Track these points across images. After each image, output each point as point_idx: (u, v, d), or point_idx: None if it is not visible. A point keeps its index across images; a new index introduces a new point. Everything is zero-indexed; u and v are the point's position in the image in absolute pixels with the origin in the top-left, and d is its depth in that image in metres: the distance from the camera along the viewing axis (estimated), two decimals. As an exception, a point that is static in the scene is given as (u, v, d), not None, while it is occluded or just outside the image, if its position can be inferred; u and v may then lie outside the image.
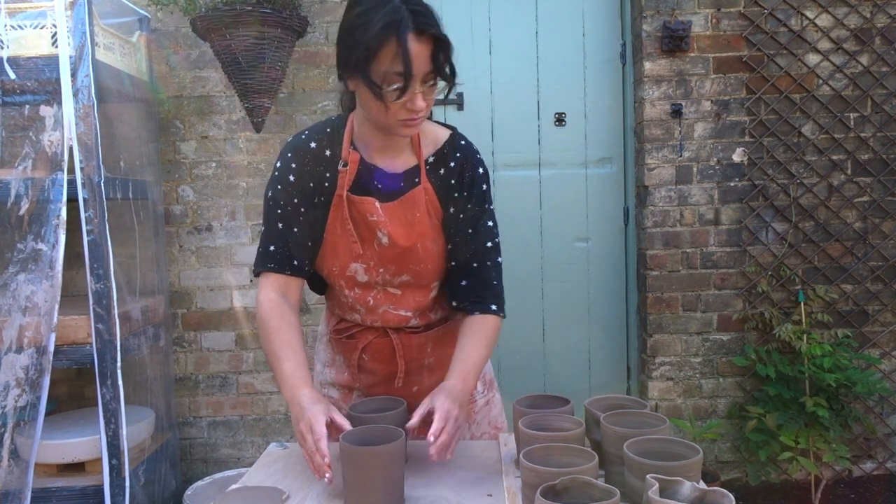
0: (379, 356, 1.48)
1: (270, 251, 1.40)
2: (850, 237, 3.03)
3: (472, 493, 1.19)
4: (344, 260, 1.41)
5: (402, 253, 1.39)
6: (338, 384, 1.55)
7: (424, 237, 1.40)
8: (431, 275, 1.44)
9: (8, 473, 2.30)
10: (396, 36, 1.19)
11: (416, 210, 1.39)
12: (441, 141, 1.45)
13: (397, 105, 1.25)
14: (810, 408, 2.74)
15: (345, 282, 1.43)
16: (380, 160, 1.41)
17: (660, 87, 2.99)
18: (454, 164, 1.43)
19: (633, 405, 1.25)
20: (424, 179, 1.41)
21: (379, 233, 1.38)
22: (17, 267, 2.30)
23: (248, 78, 2.69)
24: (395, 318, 1.45)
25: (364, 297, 1.44)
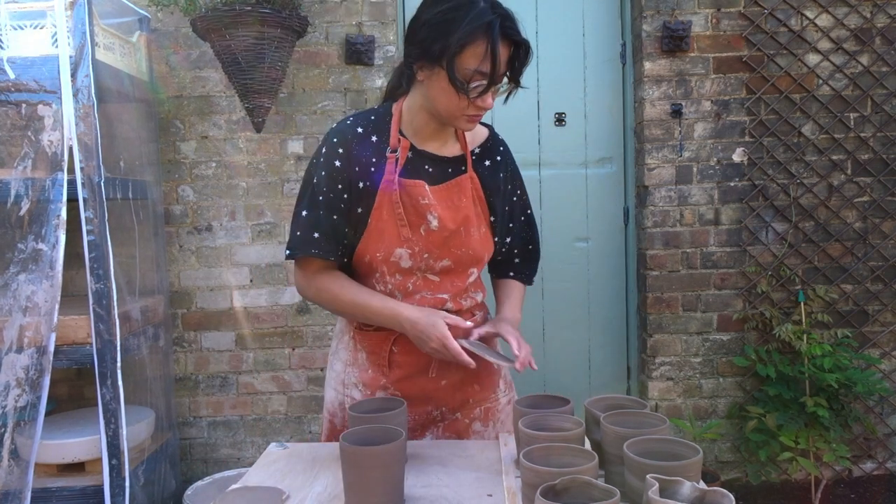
0: (410, 347, 1.47)
1: (314, 238, 1.41)
2: (850, 237, 3.03)
3: (472, 493, 1.19)
4: (390, 245, 1.43)
5: (448, 236, 1.44)
6: (362, 383, 1.53)
7: (468, 222, 1.46)
8: (472, 261, 1.49)
9: (8, 473, 2.30)
10: (489, 37, 1.27)
11: (463, 195, 1.45)
12: (482, 135, 1.55)
13: (467, 101, 1.33)
14: (810, 408, 2.74)
15: (387, 267, 1.45)
16: (427, 147, 1.47)
17: (660, 87, 2.99)
18: (500, 157, 1.56)
19: (633, 405, 1.25)
20: (471, 168, 1.49)
21: (429, 215, 1.42)
22: (18, 267, 2.30)
23: (248, 78, 2.69)
24: (431, 301, 1.47)
25: (404, 283, 1.46)
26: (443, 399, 1.50)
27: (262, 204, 3.03)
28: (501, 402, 1.58)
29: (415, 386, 1.49)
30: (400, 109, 1.46)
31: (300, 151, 3.02)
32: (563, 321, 3.24)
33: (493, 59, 1.28)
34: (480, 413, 1.54)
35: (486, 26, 1.27)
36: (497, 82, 1.32)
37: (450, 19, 1.29)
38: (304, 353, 3.07)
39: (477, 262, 1.50)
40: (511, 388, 1.63)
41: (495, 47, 1.28)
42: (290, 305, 3.06)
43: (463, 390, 1.52)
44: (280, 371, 3.07)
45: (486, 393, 1.55)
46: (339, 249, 1.44)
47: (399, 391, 1.48)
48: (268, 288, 3.05)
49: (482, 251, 1.49)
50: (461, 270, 1.48)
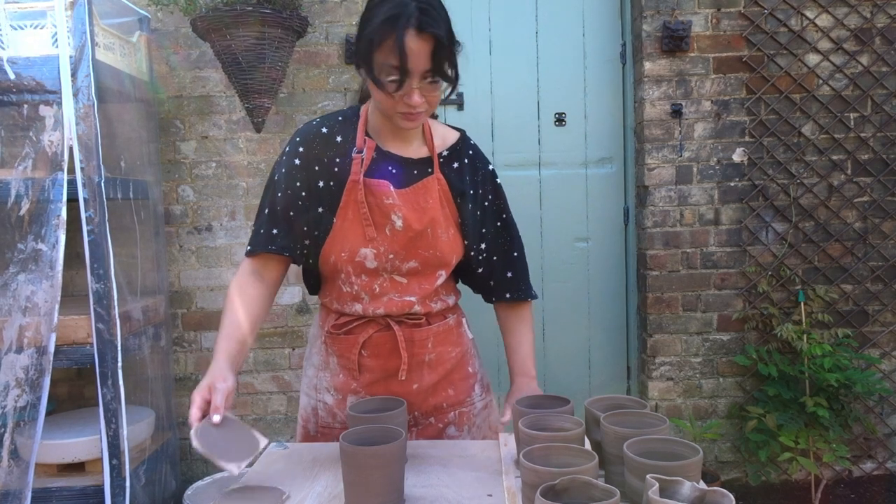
0: (379, 351, 1.47)
1: (273, 234, 1.43)
2: (850, 237, 3.03)
3: (472, 493, 1.19)
4: (354, 245, 1.41)
5: (414, 237, 1.42)
6: (333, 388, 1.52)
7: (435, 223, 1.43)
8: (440, 263, 1.46)
9: (8, 474, 2.30)
10: (395, 30, 1.24)
11: (429, 197, 1.43)
12: (451, 138, 1.52)
13: (396, 98, 1.31)
14: (810, 408, 2.74)
15: (352, 268, 1.43)
16: (392, 147, 1.45)
17: (660, 87, 2.99)
18: (467, 160, 1.50)
19: (633, 405, 1.25)
20: (437, 170, 1.46)
21: (393, 216, 1.41)
22: (18, 267, 2.30)
23: (248, 78, 2.69)
24: (399, 304, 1.45)
25: (370, 284, 1.45)
26: (415, 403, 1.48)
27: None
28: (477, 406, 1.56)
29: (386, 390, 1.48)
30: (367, 111, 1.47)
31: (300, 151, 3.01)
32: (563, 321, 3.24)
33: (399, 53, 1.24)
34: (455, 417, 1.53)
35: (396, 18, 1.24)
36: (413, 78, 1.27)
37: (369, 16, 1.29)
38: (304, 352, 3.06)
39: (445, 265, 1.47)
40: (489, 391, 1.62)
41: (402, 41, 1.23)
42: (290, 305, 3.06)
43: (436, 395, 1.51)
44: (280, 371, 3.07)
45: (459, 397, 1.53)
46: (297, 247, 1.45)
47: (370, 395, 1.47)
48: (268, 288, 3.05)
49: (450, 253, 1.46)
50: (429, 272, 1.46)
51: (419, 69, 1.27)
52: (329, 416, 1.52)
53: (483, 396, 1.59)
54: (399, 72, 1.26)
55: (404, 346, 1.46)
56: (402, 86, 1.28)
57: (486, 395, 1.60)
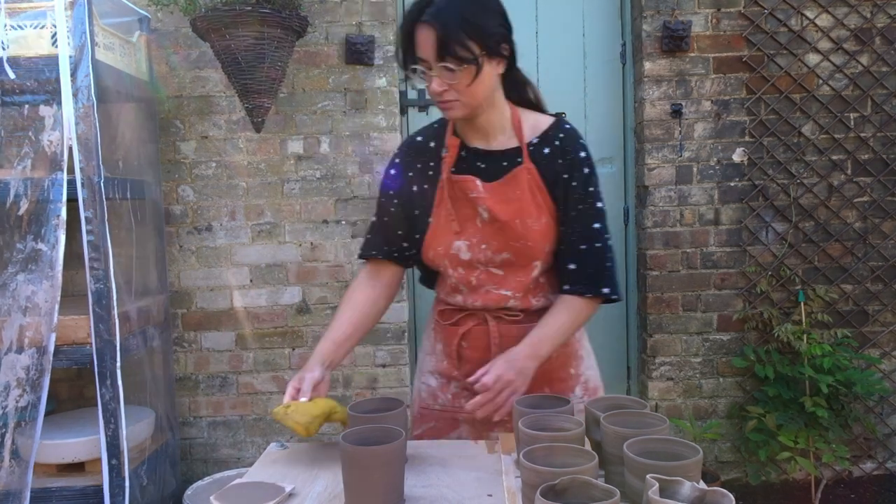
0: (477, 344, 1.52)
1: (367, 239, 1.60)
2: (850, 237, 3.03)
3: (472, 493, 1.19)
4: (447, 238, 1.48)
5: (501, 227, 1.45)
6: (437, 372, 1.59)
7: (524, 213, 1.44)
8: (532, 253, 1.47)
9: (9, 474, 2.30)
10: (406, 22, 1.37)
11: (518, 188, 1.46)
12: (544, 124, 1.52)
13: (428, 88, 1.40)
14: (809, 408, 2.74)
15: (449, 261, 1.50)
16: (478, 142, 1.51)
17: (660, 87, 2.99)
18: (558, 143, 1.49)
19: (633, 405, 1.25)
20: (527, 159, 1.47)
21: (480, 208, 1.46)
22: (17, 267, 2.30)
23: (248, 78, 2.69)
24: (496, 297, 1.49)
25: (467, 276, 1.50)
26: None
27: (262, 204, 3.03)
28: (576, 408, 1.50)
29: None
30: None
31: (300, 151, 3.02)
32: (563, 321, 3.23)
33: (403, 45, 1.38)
34: None
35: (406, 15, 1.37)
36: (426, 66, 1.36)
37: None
38: (304, 353, 3.07)
39: (538, 256, 1.47)
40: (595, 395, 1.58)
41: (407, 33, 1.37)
42: (290, 305, 3.06)
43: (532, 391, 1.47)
44: (280, 371, 3.07)
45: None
46: (392, 249, 1.56)
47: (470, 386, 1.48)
48: (268, 288, 3.05)
49: (543, 242, 1.46)
50: (524, 263, 1.48)
51: (428, 57, 1.35)
52: (430, 397, 1.60)
53: (584, 399, 1.55)
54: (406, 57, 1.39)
55: (496, 343, 1.50)
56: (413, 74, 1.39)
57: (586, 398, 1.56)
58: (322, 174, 3.02)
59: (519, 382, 1.38)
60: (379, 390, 3.07)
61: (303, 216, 3.04)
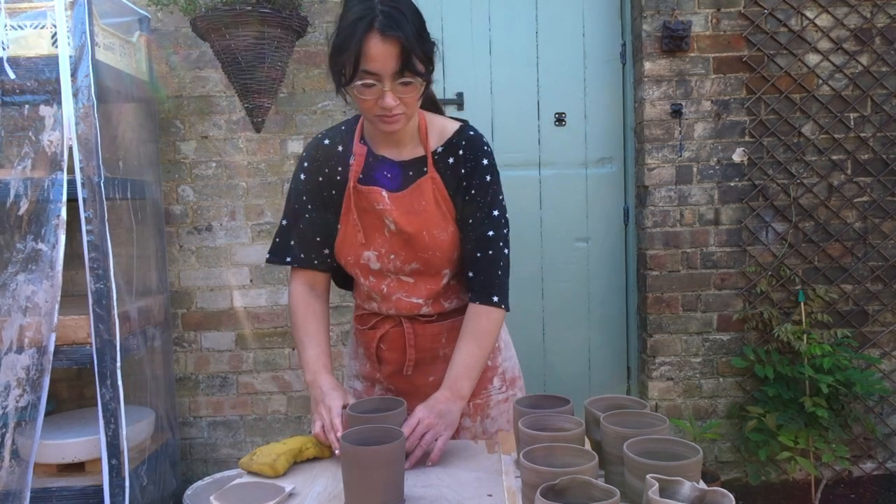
0: (394, 345, 1.54)
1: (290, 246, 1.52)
2: (850, 237, 3.03)
3: (472, 493, 1.19)
4: (357, 248, 1.47)
5: (408, 239, 1.44)
6: (361, 376, 1.62)
7: (430, 224, 1.44)
8: (441, 263, 1.47)
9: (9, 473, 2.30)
10: (356, 32, 1.26)
11: (423, 198, 1.44)
12: (449, 132, 1.49)
13: (370, 101, 1.32)
14: (809, 408, 2.74)
15: (360, 270, 1.50)
16: (386, 151, 1.47)
17: (660, 87, 2.99)
18: (462, 151, 1.47)
19: (633, 405, 1.25)
20: (432, 169, 1.45)
21: (386, 220, 1.44)
22: (17, 267, 2.30)
23: (248, 78, 2.69)
24: (407, 305, 1.50)
25: (378, 285, 1.50)
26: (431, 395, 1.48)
27: (262, 204, 3.04)
28: (494, 398, 1.58)
29: (404, 381, 1.55)
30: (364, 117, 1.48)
31: (300, 151, 3.02)
32: (563, 321, 3.24)
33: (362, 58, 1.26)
34: (469, 409, 1.55)
35: (357, 22, 1.26)
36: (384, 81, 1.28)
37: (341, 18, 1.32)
38: (304, 353, 3.07)
39: (448, 264, 1.48)
40: (513, 384, 1.63)
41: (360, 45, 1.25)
42: (290, 305, 3.05)
43: None
44: (280, 371, 3.07)
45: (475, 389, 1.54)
46: (313, 257, 1.52)
47: (391, 385, 1.57)
48: (268, 288, 3.05)
49: (451, 252, 1.46)
50: (433, 273, 1.48)
51: (388, 71, 1.27)
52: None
53: (503, 390, 1.61)
54: (366, 75, 1.28)
55: (412, 344, 1.52)
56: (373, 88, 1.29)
57: (507, 389, 1.61)
58: (322, 174, 3.02)
59: (441, 426, 1.36)
60: (379, 390, 3.07)
61: (303, 216, 3.04)
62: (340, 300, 3.05)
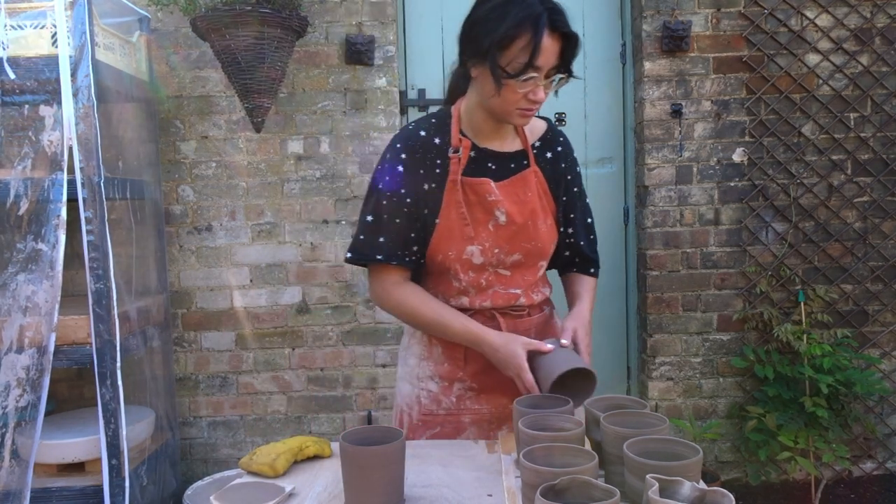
0: None
1: (380, 242, 1.45)
2: (850, 237, 3.03)
3: (472, 493, 1.19)
4: (460, 243, 1.46)
5: (517, 230, 1.47)
6: (438, 376, 1.55)
7: (535, 215, 1.49)
8: (540, 253, 1.52)
9: (9, 473, 2.30)
10: (534, 29, 1.30)
11: (528, 189, 1.49)
12: (540, 128, 1.57)
13: (518, 94, 1.36)
14: (809, 408, 2.74)
15: (460, 265, 1.48)
16: (489, 143, 1.50)
17: (660, 87, 2.99)
18: (560, 148, 1.57)
19: (633, 405, 1.25)
20: (533, 163, 1.51)
21: (497, 211, 1.46)
22: (17, 267, 2.30)
23: (248, 78, 2.69)
24: (504, 297, 1.51)
25: (477, 279, 1.49)
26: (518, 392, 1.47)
27: (262, 204, 3.04)
28: None
29: (491, 378, 1.50)
30: (459, 110, 1.50)
31: (300, 151, 3.02)
32: (563, 321, 3.23)
33: (533, 51, 1.30)
34: None
35: (533, 17, 1.30)
36: (541, 73, 1.33)
37: (497, 15, 1.33)
38: (304, 353, 3.07)
39: (545, 255, 1.54)
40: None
41: (539, 39, 1.30)
42: (290, 305, 3.06)
43: None
44: (280, 371, 3.07)
45: None
46: (405, 254, 1.47)
47: (476, 384, 1.52)
48: (268, 288, 3.06)
49: (549, 243, 1.53)
50: (531, 264, 1.52)
51: (548, 66, 1.33)
52: (433, 403, 1.55)
53: None
54: (529, 69, 1.31)
55: None
56: (529, 82, 1.33)
57: None
58: (322, 174, 3.02)
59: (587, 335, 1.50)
60: (378, 390, 3.07)
61: (303, 216, 3.04)
62: (340, 300, 3.05)
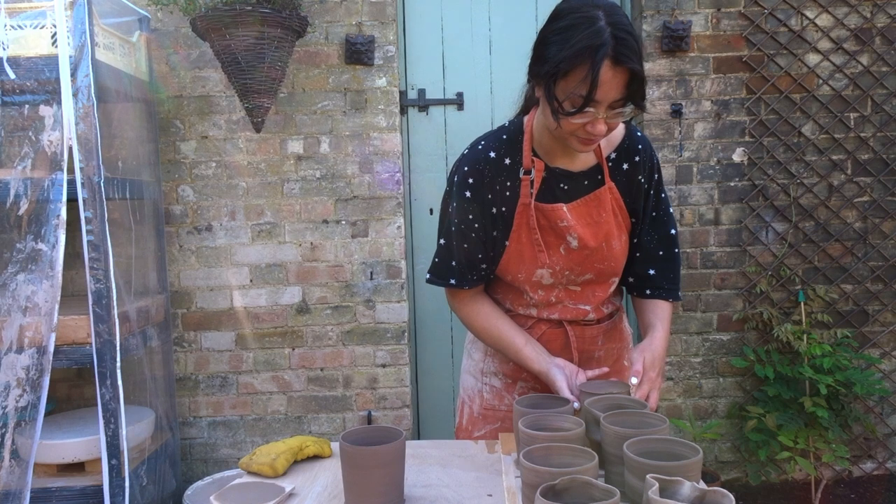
0: (551, 346, 1.50)
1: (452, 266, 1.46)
2: (850, 237, 3.03)
3: (472, 493, 1.19)
4: (530, 266, 1.44)
5: (590, 253, 1.43)
6: (501, 373, 1.56)
7: (610, 236, 1.43)
8: (612, 272, 1.48)
9: (9, 473, 2.30)
10: (592, 61, 1.19)
11: (602, 210, 1.42)
12: (618, 136, 1.47)
13: (576, 125, 1.27)
14: (809, 408, 2.74)
15: (530, 286, 1.47)
16: (561, 163, 1.43)
17: (660, 87, 2.99)
18: (639, 157, 1.46)
19: (633, 405, 1.25)
20: (608, 179, 1.43)
21: (569, 237, 1.41)
22: (17, 267, 2.30)
23: (248, 78, 2.69)
24: (573, 311, 1.49)
25: (546, 297, 1.48)
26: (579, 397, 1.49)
27: (262, 204, 3.04)
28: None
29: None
30: (531, 125, 1.43)
31: (300, 151, 3.02)
32: (563, 321, 3.23)
33: (591, 86, 1.20)
34: None
35: (594, 49, 1.19)
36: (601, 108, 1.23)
37: (560, 39, 1.23)
38: (304, 352, 3.07)
39: (618, 273, 1.50)
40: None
41: (596, 75, 1.19)
42: (290, 305, 3.06)
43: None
44: (280, 371, 3.07)
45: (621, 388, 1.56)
46: (473, 274, 1.47)
47: (538, 384, 1.52)
48: (268, 288, 3.06)
49: (623, 260, 1.48)
50: (603, 281, 1.48)
51: (609, 99, 1.23)
52: (495, 398, 1.56)
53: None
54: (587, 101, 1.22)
55: (576, 346, 1.49)
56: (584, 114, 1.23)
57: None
58: (322, 174, 3.02)
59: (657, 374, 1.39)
60: (378, 390, 3.07)
61: (303, 216, 3.04)
62: (340, 300, 3.05)
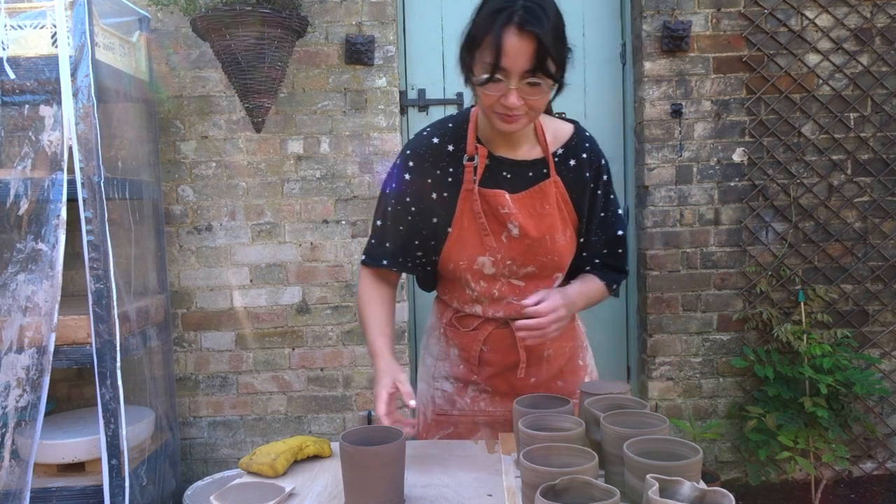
0: (499, 347, 1.50)
1: (386, 247, 1.47)
2: (850, 237, 3.03)
3: (472, 493, 1.19)
4: (472, 253, 1.43)
5: (531, 244, 1.42)
6: (452, 377, 1.55)
7: (553, 229, 1.42)
8: (556, 267, 1.46)
9: (9, 473, 2.30)
10: (495, 24, 1.22)
11: (546, 202, 1.42)
12: (565, 134, 1.49)
13: (492, 98, 1.28)
14: (809, 408, 2.74)
15: (471, 275, 1.45)
16: (503, 151, 1.43)
17: (660, 87, 2.99)
18: (585, 155, 1.47)
19: (633, 405, 1.25)
20: (553, 172, 1.43)
21: (510, 224, 1.41)
22: (17, 267, 2.30)
23: (248, 78, 2.69)
24: (517, 307, 1.46)
25: (489, 289, 1.46)
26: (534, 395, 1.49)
27: (262, 204, 3.04)
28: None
29: (504, 382, 1.51)
30: (477, 114, 1.44)
31: (300, 151, 3.02)
32: (563, 321, 3.23)
33: (495, 50, 1.21)
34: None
35: (497, 14, 1.22)
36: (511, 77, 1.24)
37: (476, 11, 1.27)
38: (304, 353, 3.07)
39: (562, 268, 1.48)
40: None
41: (499, 39, 1.21)
42: (290, 305, 3.06)
43: (548, 387, 1.54)
44: (280, 371, 3.07)
45: (570, 388, 1.56)
46: (407, 260, 1.48)
47: (489, 386, 1.52)
48: (268, 288, 3.06)
49: (567, 255, 1.47)
50: (546, 276, 1.47)
51: (518, 69, 1.23)
52: (447, 403, 1.56)
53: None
54: (495, 69, 1.23)
55: (523, 346, 1.47)
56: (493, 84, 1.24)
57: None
58: (322, 174, 3.02)
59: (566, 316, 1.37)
60: (379, 390, 3.07)
61: (303, 216, 3.04)
62: (340, 300, 3.05)
